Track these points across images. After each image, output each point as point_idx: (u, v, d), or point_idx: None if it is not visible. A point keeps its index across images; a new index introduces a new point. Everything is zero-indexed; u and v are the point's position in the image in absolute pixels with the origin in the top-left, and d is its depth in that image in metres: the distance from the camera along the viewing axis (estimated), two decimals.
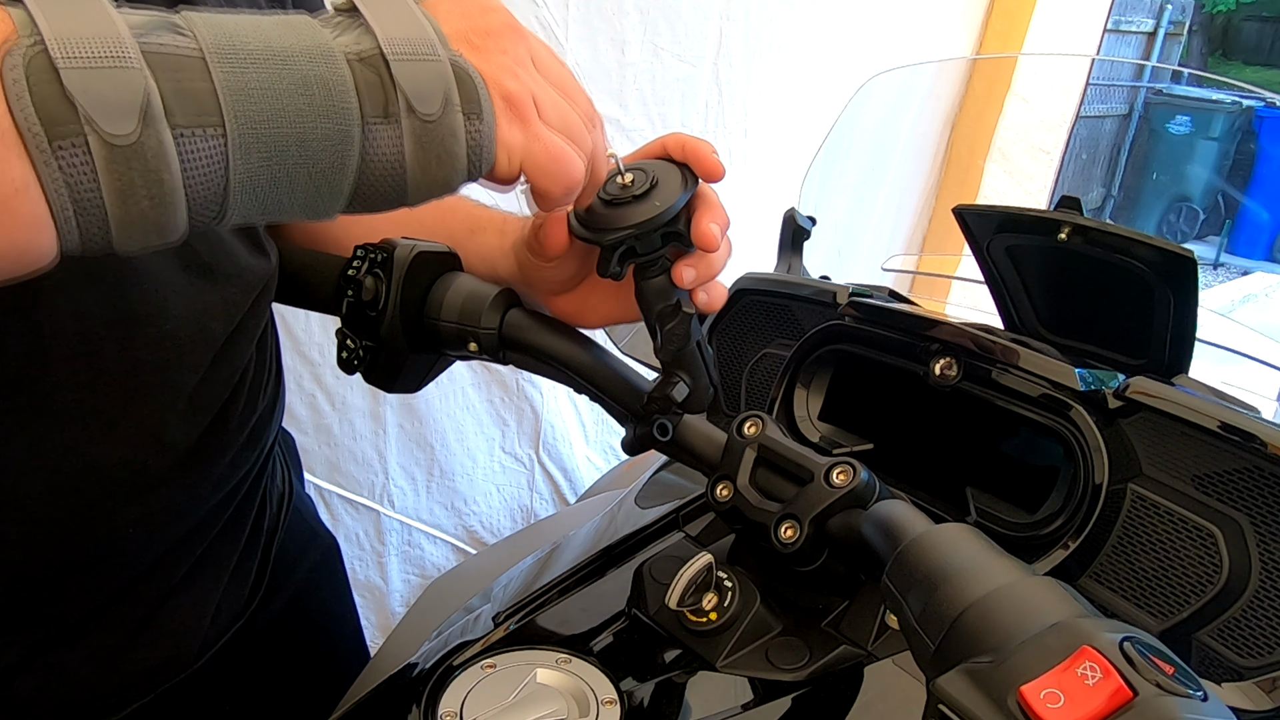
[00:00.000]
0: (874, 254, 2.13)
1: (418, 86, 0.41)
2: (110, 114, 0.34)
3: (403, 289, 0.64)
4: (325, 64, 0.40)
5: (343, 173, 0.41)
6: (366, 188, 0.43)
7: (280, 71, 0.39)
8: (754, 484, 0.57)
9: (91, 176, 0.35)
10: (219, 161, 0.38)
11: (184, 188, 0.37)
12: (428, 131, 0.42)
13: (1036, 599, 0.38)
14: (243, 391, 0.65)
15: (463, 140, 0.43)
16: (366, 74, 0.41)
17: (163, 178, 0.36)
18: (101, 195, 0.35)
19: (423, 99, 0.41)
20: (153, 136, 0.35)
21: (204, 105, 0.37)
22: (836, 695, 0.57)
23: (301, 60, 0.39)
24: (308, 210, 0.42)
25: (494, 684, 0.55)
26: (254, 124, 0.38)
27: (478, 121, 0.43)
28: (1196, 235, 6.64)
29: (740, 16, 1.83)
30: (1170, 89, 6.64)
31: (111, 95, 0.34)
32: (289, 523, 0.80)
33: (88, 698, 0.61)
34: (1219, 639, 0.58)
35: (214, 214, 0.39)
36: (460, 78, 0.43)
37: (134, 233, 0.37)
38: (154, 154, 0.36)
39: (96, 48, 0.34)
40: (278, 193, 0.40)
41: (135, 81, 0.35)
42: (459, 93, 0.42)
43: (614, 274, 0.56)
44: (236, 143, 0.38)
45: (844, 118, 1.26)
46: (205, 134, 0.37)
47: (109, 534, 0.58)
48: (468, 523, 1.88)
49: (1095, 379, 0.64)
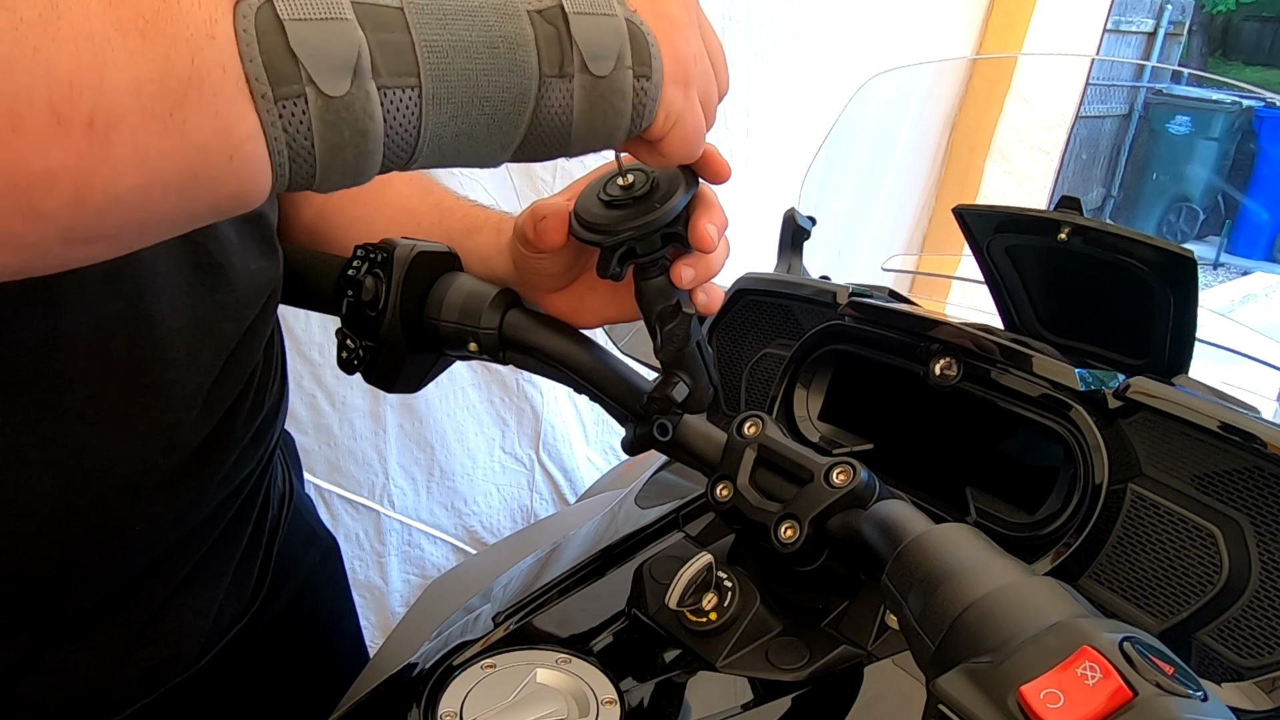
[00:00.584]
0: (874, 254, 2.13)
1: (593, 43, 0.42)
2: (329, 70, 0.36)
3: (403, 289, 0.64)
4: (509, 20, 0.41)
5: (517, 125, 0.43)
6: (534, 138, 0.44)
7: (470, 27, 0.40)
8: (754, 484, 0.57)
9: (308, 130, 0.36)
10: (414, 115, 0.39)
11: (384, 138, 0.39)
12: (598, 88, 0.43)
13: (1036, 599, 0.38)
14: (250, 392, 0.65)
15: (629, 99, 0.44)
16: (546, 29, 0.42)
17: (368, 131, 0.38)
18: (314, 146, 0.37)
19: (597, 57, 0.42)
20: (361, 92, 0.37)
21: (405, 62, 0.38)
22: (836, 695, 0.57)
23: (489, 16, 0.41)
24: (480, 158, 0.44)
25: (494, 684, 0.55)
26: (447, 80, 0.39)
27: (646, 81, 0.44)
28: (1196, 235, 6.64)
29: (742, 17, 1.83)
30: (1170, 89, 6.64)
31: (330, 51, 0.36)
32: (289, 523, 0.80)
33: (90, 697, 0.61)
34: (1219, 639, 0.58)
35: (404, 160, 0.41)
36: (634, 36, 0.43)
37: (334, 177, 0.39)
38: (362, 109, 0.37)
39: (316, 3, 0.36)
40: (458, 142, 0.42)
41: (352, 37, 0.36)
42: (632, 51, 0.43)
43: (614, 275, 0.56)
44: (430, 98, 0.39)
45: (844, 118, 1.26)
46: (404, 89, 0.38)
47: (115, 532, 0.58)
48: (468, 523, 1.88)
49: (1095, 379, 0.64)
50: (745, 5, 1.82)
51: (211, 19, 0.34)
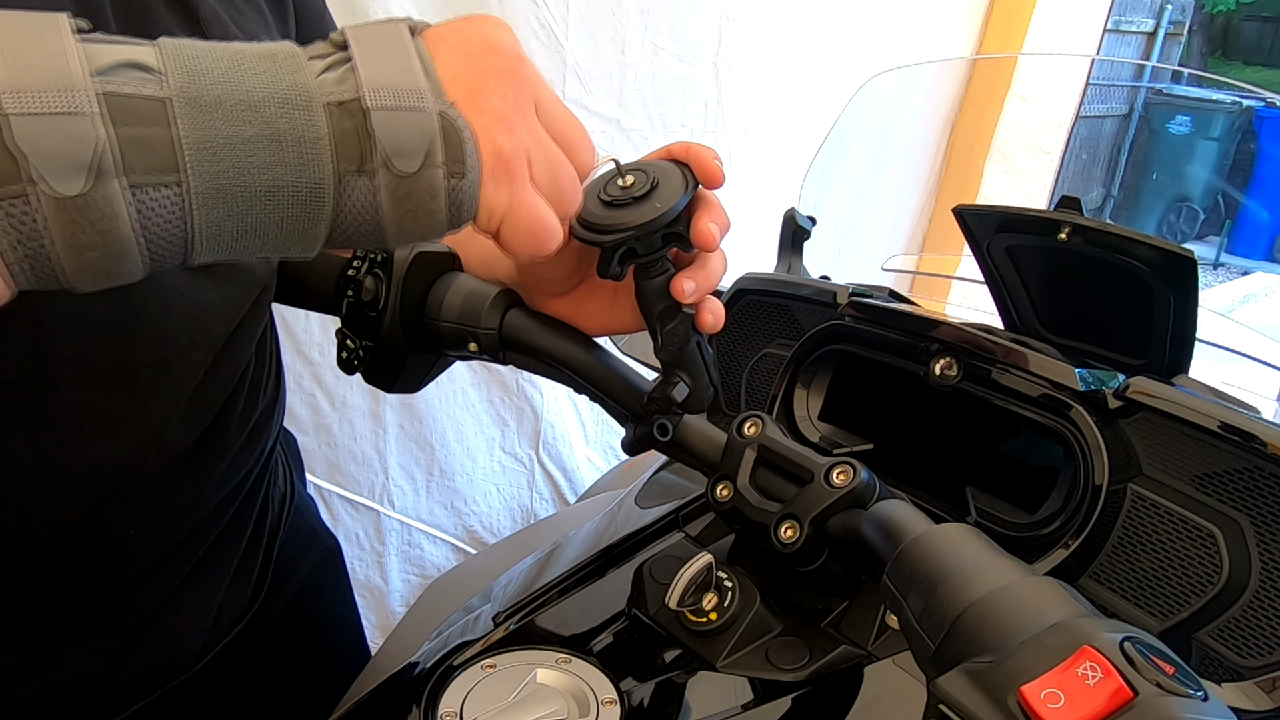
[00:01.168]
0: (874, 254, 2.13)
1: (397, 141, 0.39)
2: (58, 169, 0.33)
3: (403, 289, 0.64)
4: (301, 113, 0.38)
5: (315, 223, 0.40)
6: (342, 234, 0.41)
7: (249, 121, 0.37)
8: (754, 484, 0.57)
9: (40, 230, 0.33)
10: (178, 214, 0.36)
11: (141, 238, 0.36)
12: (404, 187, 0.40)
13: (1036, 599, 0.38)
14: (243, 391, 0.65)
15: (442, 198, 0.41)
16: (344, 123, 0.38)
17: (112, 232, 0.35)
18: (53, 244, 0.34)
19: (401, 154, 0.39)
20: (102, 192, 0.34)
21: (162, 159, 0.35)
22: (836, 695, 0.57)
23: (275, 108, 0.37)
24: (282, 252, 0.41)
25: (494, 684, 0.55)
26: (217, 178, 0.36)
27: (459, 180, 0.41)
28: (1196, 235, 6.64)
29: (740, 16, 1.83)
30: (1170, 89, 6.64)
31: (59, 149, 0.33)
32: (291, 523, 0.80)
33: (90, 698, 0.61)
34: (1219, 639, 0.58)
35: (178, 258, 0.38)
36: (447, 132, 0.40)
37: (87, 278, 0.36)
38: (105, 209, 0.34)
39: (47, 95, 0.33)
40: (245, 240, 0.39)
41: (86, 134, 0.33)
42: (443, 149, 0.40)
43: (614, 274, 0.56)
44: (198, 196, 0.36)
45: (844, 118, 1.26)
46: (162, 188, 0.35)
47: (110, 535, 0.58)
48: (468, 523, 1.88)
49: (1095, 379, 0.64)
50: (743, 5, 1.82)
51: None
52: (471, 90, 0.41)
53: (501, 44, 0.43)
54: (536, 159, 0.44)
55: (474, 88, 0.41)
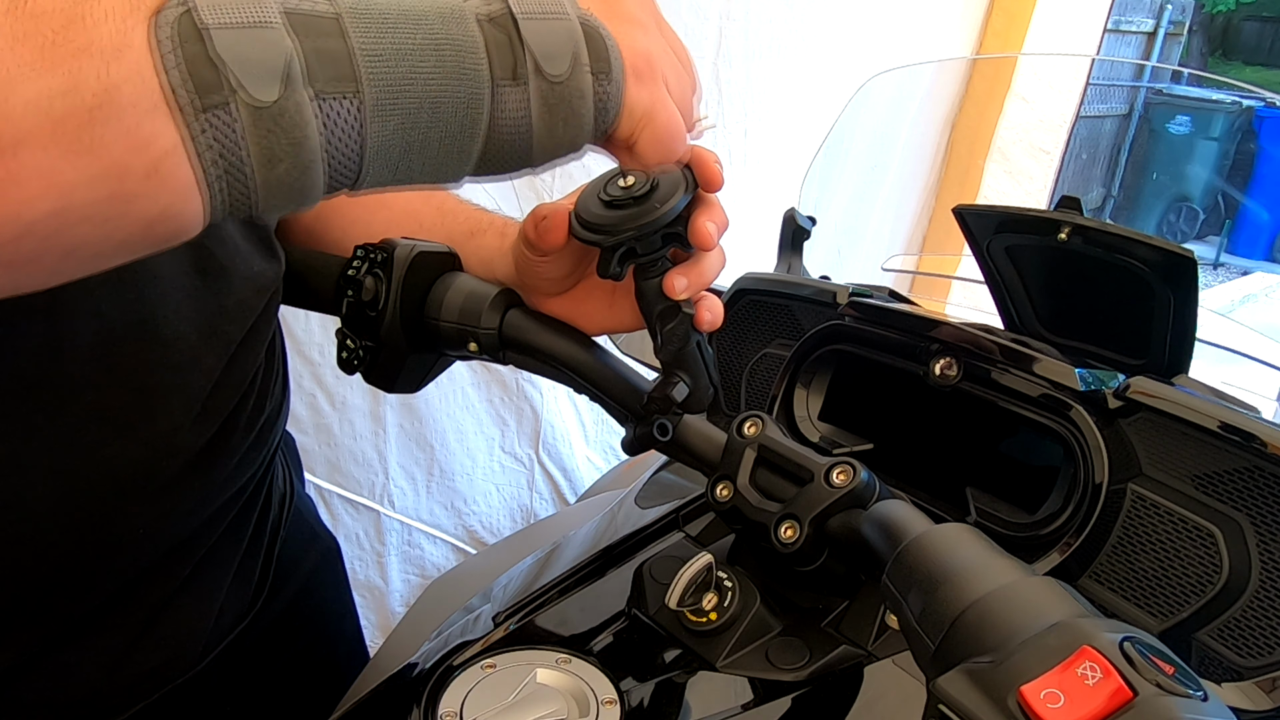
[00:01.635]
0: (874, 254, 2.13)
1: (546, 46, 0.41)
2: (256, 78, 0.34)
3: (403, 289, 0.64)
4: (456, 25, 0.40)
5: (473, 135, 0.41)
6: (494, 149, 0.43)
7: (413, 33, 0.39)
8: (754, 484, 0.57)
9: (239, 141, 0.35)
10: (356, 125, 0.38)
11: (323, 151, 0.37)
12: (555, 92, 0.42)
13: (1036, 599, 0.38)
14: (252, 394, 0.65)
15: (590, 100, 0.43)
16: (496, 34, 0.40)
17: (304, 141, 0.36)
18: (248, 159, 0.35)
19: (551, 59, 0.41)
20: (293, 100, 0.35)
21: (341, 69, 0.37)
22: (836, 695, 0.57)
23: (434, 21, 0.39)
24: (437, 173, 0.42)
25: (494, 684, 0.55)
26: (389, 88, 0.38)
27: (605, 81, 0.43)
28: (1196, 235, 6.64)
29: (740, 16, 1.83)
30: (1170, 89, 6.64)
31: (256, 58, 0.34)
32: (290, 523, 0.80)
33: (92, 698, 0.61)
34: (1219, 639, 0.58)
35: (351, 177, 0.39)
36: (590, 36, 0.42)
37: (276, 196, 0.37)
38: (295, 118, 0.36)
39: (242, 10, 0.34)
40: (410, 156, 0.40)
41: (279, 43, 0.35)
42: (588, 51, 0.42)
43: (614, 275, 0.56)
44: (372, 107, 0.38)
45: (844, 118, 1.26)
46: (343, 98, 0.37)
47: (118, 535, 0.58)
48: (468, 523, 1.88)
49: (1095, 379, 0.64)
50: (743, 5, 1.82)
51: (125, 29, 0.33)
52: (606, 2, 0.44)
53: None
54: (669, 68, 0.46)
55: (608, 1, 0.44)
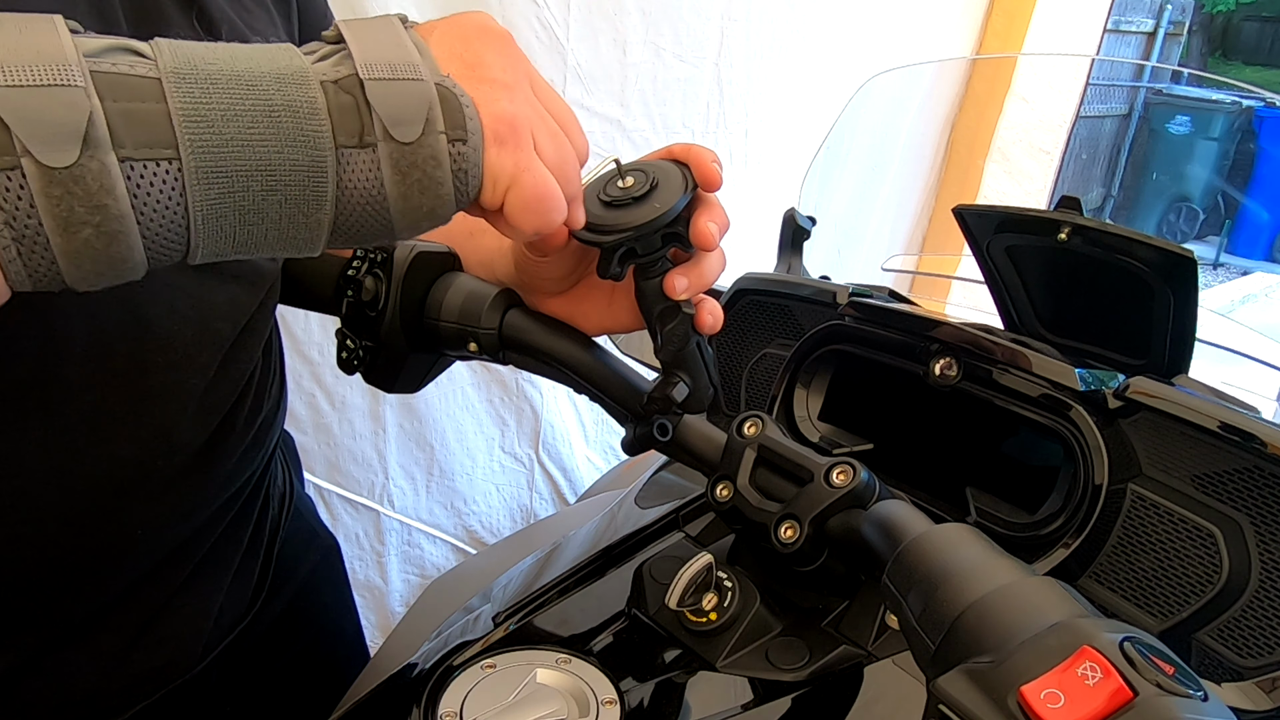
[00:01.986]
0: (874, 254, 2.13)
1: (395, 109, 0.39)
2: (48, 139, 0.32)
3: (402, 289, 0.64)
4: (296, 88, 0.38)
5: (318, 203, 0.39)
6: (347, 219, 0.40)
7: (245, 96, 0.36)
8: (754, 484, 0.57)
9: (29, 205, 0.32)
10: (175, 191, 0.35)
11: (136, 218, 0.35)
12: (406, 156, 0.39)
13: (1036, 599, 0.38)
14: (249, 393, 0.65)
15: (446, 165, 0.41)
16: (341, 98, 0.38)
17: (107, 206, 0.34)
18: (41, 225, 0.33)
19: (400, 122, 0.39)
20: (95, 163, 0.33)
21: (156, 131, 0.35)
22: (836, 695, 0.57)
23: (269, 84, 0.37)
24: (286, 245, 0.40)
25: (494, 684, 0.55)
26: (213, 151, 0.36)
27: (462, 145, 0.41)
28: (1196, 235, 6.64)
29: (741, 17, 1.83)
30: (1170, 89, 6.64)
31: (50, 117, 0.32)
32: (290, 523, 0.80)
33: (92, 699, 0.61)
34: (1219, 639, 0.58)
35: (178, 249, 0.37)
36: (445, 99, 0.40)
37: (84, 266, 0.35)
38: (96, 182, 0.33)
39: (38, 69, 0.32)
40: (247, 226, 0.38)
41: (79, 103, 0.33)
42: (443, 115, 0.40)
43: (614, 275, 0.56)
44: (194, 172, 0.36)
45: (844, 118, 1.26)
46: (158, 162, 0.35)
47: (117, 535, 0.58)
48: (467, 523, 1.88)
49: (1095, 379, 0.64)
50: (745, 5, 1.82)
51: None
52: (468, 64, 0.42)
53: (493, 27, 0.44)
54: (539, 129, 0.44)
55: (470, 62, 0.42)
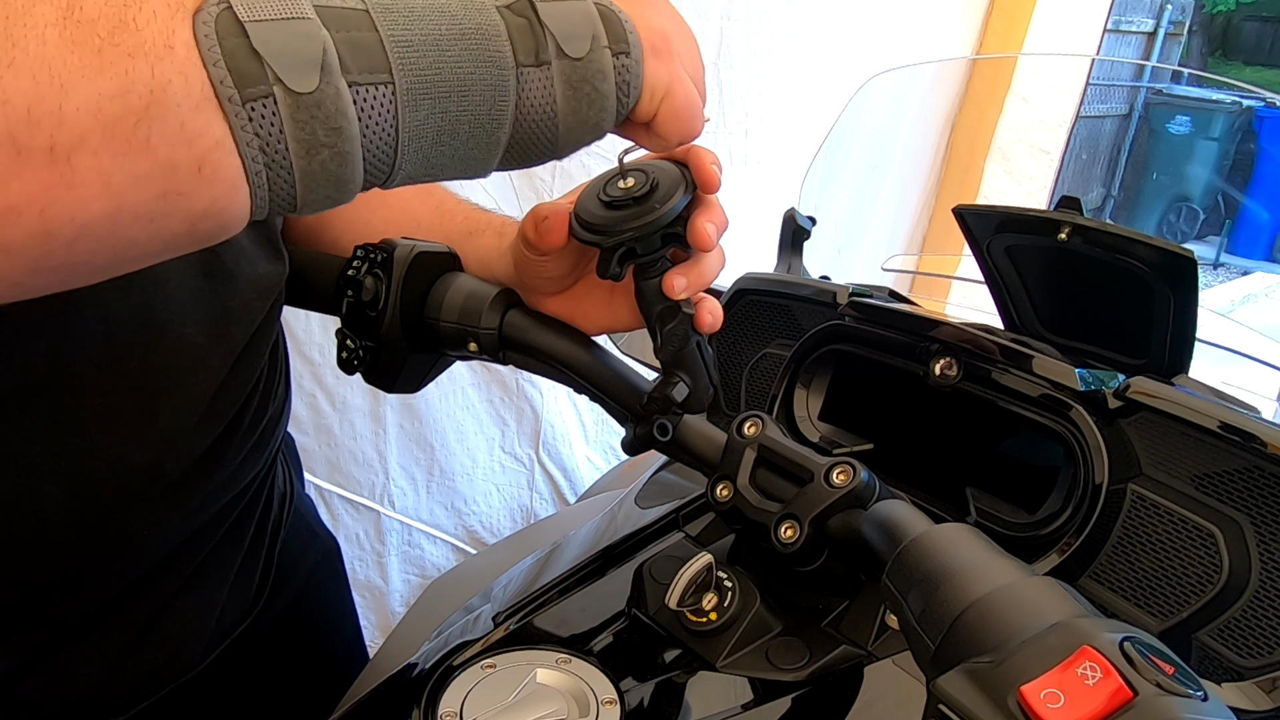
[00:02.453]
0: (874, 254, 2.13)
1: (565, 27, 0.42)
2: (295, 67, 0.35)
3: (403, 289, 0.64)
4: (479, 13, 0.41)
5: (500, 121, 0.42)
6: (521, 134, 0.44)
7: (439, 22, 0.40)
8: (754, 484, 0.57)
9: (280, 131, 0.36)
10: (390, 112, 0.39)
11: (361, 139, 0.38)
12: (578, 72, 0.43)
13: (1036, 599, 0.38)
14: (256, 396, 0.65)
15: (611, 78, 0.44)
16: (517, 20, 0.42)
17: (342, 128, 0.37)
18: (289, 149, 0.36)
19: (571, 40, 0.42)
20: (331, 88, 0.37)
21: (374, 58, 0.38)
22: (836, 695, 0.57)
23: (457, 11, 0.41)
24: (467, 164, 0.43)
25: (494, 684, 0.55)
26: (420, 74, 0.39)
27: (625, 58, 0.44)
28: (1196, 235, 6.64)
29: (741, 16, 1.83)
30: (1170, 89, 6.63)
31: (294, 49, 0.36)
32: (290, 524, 0.80)
33: (93, 699, 0.61)
34: (1219, 639, 0.58)
35: (386, 168, 0.41)
36: (606, 16, 0.43)
37: (316, 187, 0.38)
38: (333, 105, 0.37)
39: (277, 6, 0.36)
40: (441, 145, 0.41)
41: (316, 34, 0.36)
42: (606, 31, 0.43)
43: (614, 275, 0.56)
44: (405, 93, 0.39)
45: (844, 118, 1.26)
46: (377, 85, 0.38)
47: (121, 536, 0.58)
48: (468, 523, 1.88)
49: (1095, 379, 0.64)
50: (744, 5, 1.82)
51: (169, 29, 0.34)
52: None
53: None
54: (682, 43, 0.47)
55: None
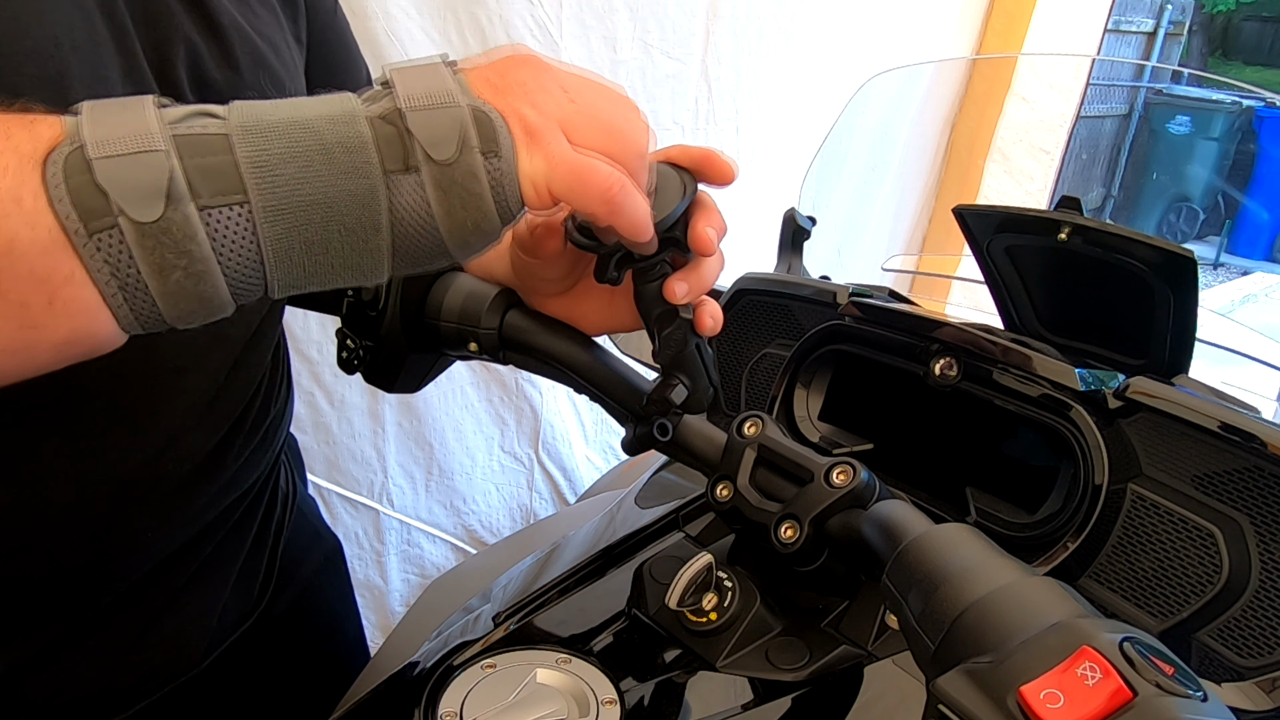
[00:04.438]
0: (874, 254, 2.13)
1: (432, 133, 0.42)
2: (138, 199, 0.37)
3: (403, 289, 0.64)
4: (345, 125, 0.42)
5: (375, 229, 0.42)
6: (403, 241, 0.44)
7: (301, 138, 0.41)
8: (754, 484, 0.57)
9: (130, 257, 0.37)
10: (248, 230, 0.40)
11: (217, 258, 0.39)
12: (446, 175, 0.43)
13: (1036, 599, 0.39)
14: (258, 397, 0.66)
15: (484, 179, 0.44)
16: (385, 129, 0.42)
17: (192, 251, 0.38)
18: (140, 272, 0.38)
19: (438, 144, 0.42)
20: (179, 214, 0.38)
21: (227, 180, 0.39)
22: (836, 695, 0.57)
23: (323, 125, 0.41)
24: (354, 273, 0.44)
25: (494, 684, 0.55)
26: (277, 192, 0.40)
27: (496, 159, 0.44)
28: (1196, 235, 6.64)
29: (727, 14, 1.83)
30: (1170, 89, 6.63)
31: (138, 181, 0.37)
32: (293, 524, 0.80)
33: (95, 697, 0.61)
34: (1219, 639, 0.58)
35: (256, 284, 0.41)
36: (479, 119, 0.43)
37: (181, 304, 0.39)
38: (180, 231, 0.38)
39: (127, 141, 0.37)
40: (314, 257, 0.42)
41: (161, 165, 0.38)
42: (476, 134, 0.43)
43: (611, 279, 0.56)
44: (261, 211, 0.40)
45: (844, 118, 1.26)
46: (230, 206, 0.39)
47: (125, 537, 0.58)
48: (467, 522, 1.88)
49: (1095, 379, 0.64)
50: (730, 3, 1.82)
51: (18, 182, 0.36)
52: (497, 87, 0.45)
53: (524, 53, 0.47)
54: (576, 122, 0.46)
55: (499, 84, 0.45)
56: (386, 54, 1.39)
